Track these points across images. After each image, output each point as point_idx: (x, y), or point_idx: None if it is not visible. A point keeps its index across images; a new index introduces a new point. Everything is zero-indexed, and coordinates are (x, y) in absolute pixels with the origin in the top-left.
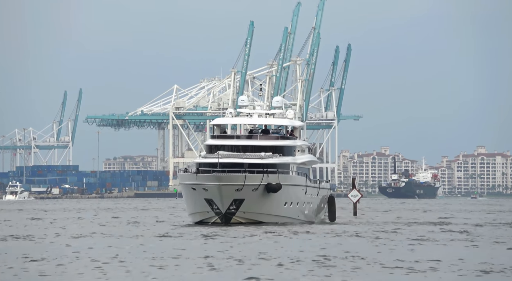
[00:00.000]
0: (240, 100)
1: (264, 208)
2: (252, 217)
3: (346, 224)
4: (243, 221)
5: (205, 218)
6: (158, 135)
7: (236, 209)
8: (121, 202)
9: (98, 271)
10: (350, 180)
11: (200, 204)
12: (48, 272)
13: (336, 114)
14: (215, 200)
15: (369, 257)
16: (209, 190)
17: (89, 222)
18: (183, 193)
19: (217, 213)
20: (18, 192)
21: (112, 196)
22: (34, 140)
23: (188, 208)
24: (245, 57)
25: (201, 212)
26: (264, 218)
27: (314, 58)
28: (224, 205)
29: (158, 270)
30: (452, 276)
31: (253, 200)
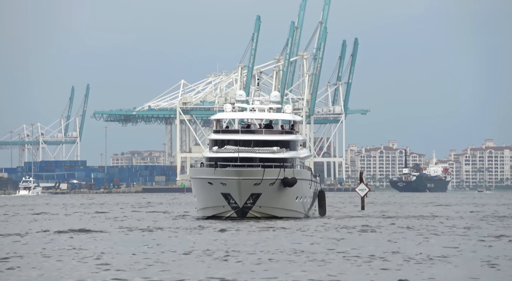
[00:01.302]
0: (238, 95)
1: (279, 202)
2: (267, 211)
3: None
4: (258, 215)
5: (219, 213)
6: (166, 130)
7: (253, 203)
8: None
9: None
10: (357, 174)
11: (216, 198)
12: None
13: (343, 108)
14: (233, 195)
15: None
16: (228, 185)
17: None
18: (195, 187)
19: (234, 207)
20: (31, 187)
21: (120, 191)
22: (42, 135)
23: (200, 203)
24: (252, 52)
25: (216, 206)
26: (278, 212)
27: (321, 53)
28: (242, 199)
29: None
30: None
31: (269, 195)
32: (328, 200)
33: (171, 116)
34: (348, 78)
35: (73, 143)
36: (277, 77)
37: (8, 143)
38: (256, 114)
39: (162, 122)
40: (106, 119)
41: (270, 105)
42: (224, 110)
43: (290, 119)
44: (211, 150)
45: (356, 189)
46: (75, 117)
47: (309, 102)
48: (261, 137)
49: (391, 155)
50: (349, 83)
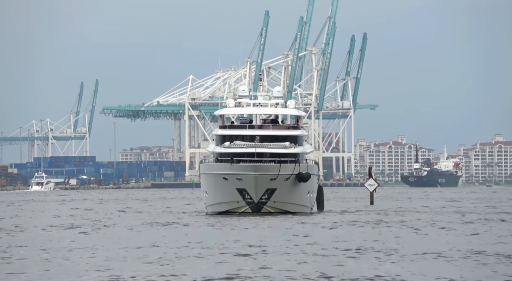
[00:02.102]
0: (241, 90)
1: (292, 197)
2: (281, 206)
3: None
4: (272, 210)
5: (233, 208)
6: (174, 126)
7: (268, 198)
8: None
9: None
10: (366, 169)
11: (230, 194)
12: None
13: (352, 103)
14: (249, 190)
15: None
16: (244, 180)
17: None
18: (206, 183)
19: (249, 202)
20: (44, 183)
21: (129, 186)
22: (52, 131)
23: (213, 198)
24: (261, 47)
25: (230, 202)
26: (290, 207)
27: (329, 48)
28: (257, 194)
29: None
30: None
31: (284, 190)
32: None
33: (180, 112)
34: (357, 73)
35: (82, 139)
36: (285, 72)
37: (18, 139)
38: (262, 109)
39: (171, 118)
40: (115, 114)
41: (274, 100)
42: (227, 105)
43: (297, 114)
44: (222, 145)
45: (365, 184)
46: (84, 113)
47: (317, 97)
48: (271, 132)
49: (400, 150)
50: (357, 78)
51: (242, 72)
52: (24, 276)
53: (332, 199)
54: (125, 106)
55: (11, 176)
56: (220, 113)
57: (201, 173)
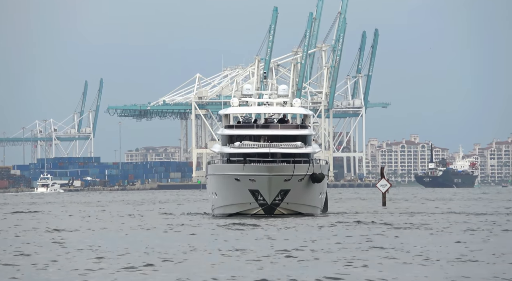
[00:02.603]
0: (245, 89)
1: (306, 198)
2: (294, 208)
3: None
4: (285, 212)
5: (245, 210)
6: (181, 126)
7: (281, 200)
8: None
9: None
10: (378, 169)
11: (242, 195)
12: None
13: (363, 101)
14: (262, 191)
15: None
16: (257, 181)
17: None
18: (216, 184)
19: (262, 204)
20: (49, 184)
21: (134, 188)
22: (55, 131)
23: (222, 200)
24: (269, 44)
25: (241, 203)
26: (303, 209)
27: (340, 44)
28: (271, 196)
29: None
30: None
31: (297, 191)
32: (347, 196)
33: (187, 111)
34: (368, 71)
35: (87, 139)
36: (295, 70)
37: (21, 139)
38: (269, 109)
39: (177, 117)
40: (120, 114)
41: (280, 99)
42: (231, 104)
43: (304, 113)
44: (232, 145)
45: (377, 185)
46: (88, 113)
47: (328, 95)
48: (280, 132)
49: (413, 149)
50: (369, 75)
51: (250, 70)
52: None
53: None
54: (130, 105)
55: (13, 177)
56: (225, 113)
57: (209, 174)
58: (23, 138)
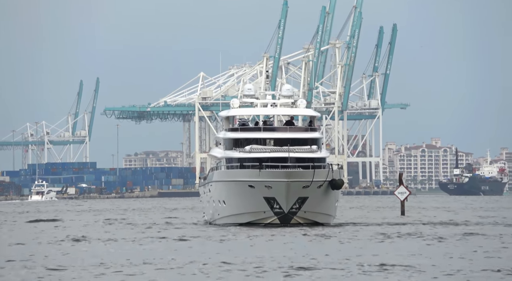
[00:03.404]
0: (247, 89)
1: (323, 207)
2: (311, 217)
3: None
4: (302, 221)
5: (258, 219)
6: (183, 128)
7: (298, 208)
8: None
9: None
10: (396, 175)
11: (256, 203)
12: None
13: (380, 102)
14: (279, 199)
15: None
16: (274, 188)
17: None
18: (224, 191)
19: (278, 213)
20: (44, 192)
21: (133, 195)
22: (47, 135)
23: (232, 209)
24: (278, 41)
25: (254, 212)
26: (320, 218)
27: (355, 41)
28: (288, 203)
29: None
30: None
31: (315, 198)
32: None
33: (190, 113)
34: (386, 69)
35: (82, 143)
36: (306, 68)
37: (10, 143)
38: (276, 110)
39: (179, 119)
40: (118, 116)
41: (285, 100)
42: (231, 105)
43: (312, 114)
44: (241, 149)
45: (395, 192)
46: (83, 114)
47: (342, 95)
48: (289, 135)
49: (434, 154)
50: (386, 74)
51: (257, 68)
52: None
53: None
54: (129, 106)
55: (2, 185)
56: (228, 115)
57: (214, 181)
58: (12, 142)
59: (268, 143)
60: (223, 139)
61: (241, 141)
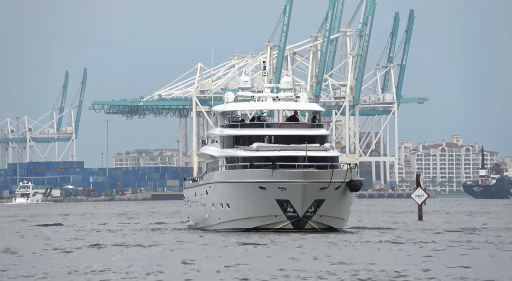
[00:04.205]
0: (242, 81)
1: (339, 210)
2: (326, 221)
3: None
4: (316, 226)
5: (268, 224)
6: (180, 124)
7: (314, 212)
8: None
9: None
10: (413, 177)
11: (267, 206)
12: None
13: (395, 96)
14: (293, 201)
15: None
16: (289, 189)
17: None
18: (228, 193)
19: (291, 217)
20: (30, 194)
21: (124, 198)
22: (30, 131)
23: (239, 212)
24: (284, 28)
25: (265, 216)
26: (334, 222)
27: (368, 28)
28: (304, 207)
29: None
30: None
31: (332, 201)
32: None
33: (186, 107)
34: (402, 59)
35: (68, 141)
36: (314, 58)
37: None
38: (277, 105)
39: (175, 115)
40: (108, 111)
41: (286, 93)
42: (225, 99)
43: (316, 109)
44: (248, 148)
45: (412, 195)
46: (69, 109)
47: (353, 89)
48: (297, 132)
49: (456, 153)
50: (402, 65)
51: (261, 58)
52: None
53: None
54: (119, 100)
55: None
56: (225, 110)
57: (215, 181)
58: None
59: (268, 140)
60: (220, 136)
61: (243, 138)
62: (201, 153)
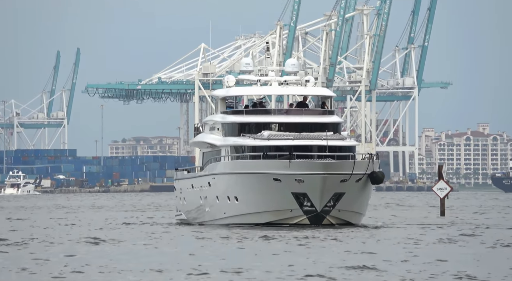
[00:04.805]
0: (244, 64)
1: (358, 204)
2: (344, 216)
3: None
4: (334, 222)
5: (281, 219)
6: (181, 110)
7: (333, 206)
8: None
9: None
10: (435, 168)
11: (282, 200)
12: None
13: (416, 80)
14: (311, 195)
15: None
16: (307, 181)
17: None
18: (237, 186)
19: (308, 211)
20: (20, 184)
21: (120, 189)
22: (17, 116)
23: (248, 206)
24: (295, 6)
25: (278, 210)
26: (353, 217)
27: (386, 7)
28: (323, 200)
29: None
30: None
31: (352, 194)
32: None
33: (188, 91)
34: (424, 40)
35: (59, 127)
36: (327, 39)
37: None
38: (286, 89)
39: (176, 99)
40: (103, 95)
41: (294, 77)
42: (225, 84)
43: (328, 94)
44: (258, 136)
45: (434, 188)
46: (61, 92)
47: (370, 72)
48: (309, 119)
49: (482, 142)
50: (424, 46)
51: (270, 39)
52: None
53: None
54: (115, 84)
55: None
56: (228, 95)
57: (220, 172)
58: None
59: (274, 128)
60: (222, 123)
61: (249, 126)
62: (197, 142)
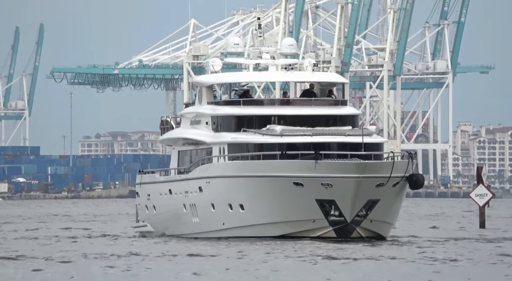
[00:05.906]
0: (233, 44)
1: (392, 214)
2: (376, 228)
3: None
4: (364, 234)
5: (301, 231)
6: (166, 99)
7: (365, 215)
8: None
9: None
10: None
11: (303, 208)
12: None
13: (450, 64)
14: (341, 202)
15: None
16: (336, 186)
17: None
18: (245, 191)
19: (335, 222)
20: None
21: (93, 195)
22: None
23: (258, 216)
24: None
25: (298, 221)
26: (384, 229)
27: None
28: (354, 209)
29: None
30: None
31: (386, 202)
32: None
33: (175, 77)
34: (460, 16)
35: (19, 119)
36: (343, 14)
37: None
38: (290, 75)
39: (160, 87)
40: (72, 80)
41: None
42: (210, 68)
43: (341, 81)
44: (268, 130)
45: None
46: (21, 77)
47: (394, 54)
48: (321, 111)
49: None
50: (460, 23)
51: (273, 14)
52: None
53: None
54: (87, 67)
55: None
56: (217, 82)
57: (218, 175)
58: None
59: (279, 121)
60: (211, 116)
61: (248, 119)
62: (170, 138)
